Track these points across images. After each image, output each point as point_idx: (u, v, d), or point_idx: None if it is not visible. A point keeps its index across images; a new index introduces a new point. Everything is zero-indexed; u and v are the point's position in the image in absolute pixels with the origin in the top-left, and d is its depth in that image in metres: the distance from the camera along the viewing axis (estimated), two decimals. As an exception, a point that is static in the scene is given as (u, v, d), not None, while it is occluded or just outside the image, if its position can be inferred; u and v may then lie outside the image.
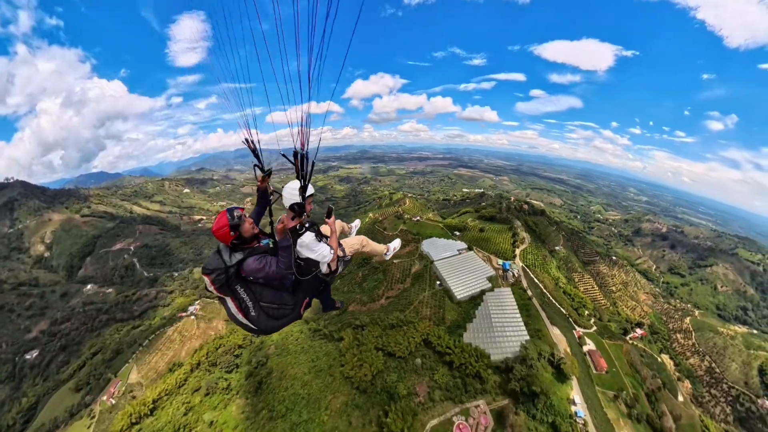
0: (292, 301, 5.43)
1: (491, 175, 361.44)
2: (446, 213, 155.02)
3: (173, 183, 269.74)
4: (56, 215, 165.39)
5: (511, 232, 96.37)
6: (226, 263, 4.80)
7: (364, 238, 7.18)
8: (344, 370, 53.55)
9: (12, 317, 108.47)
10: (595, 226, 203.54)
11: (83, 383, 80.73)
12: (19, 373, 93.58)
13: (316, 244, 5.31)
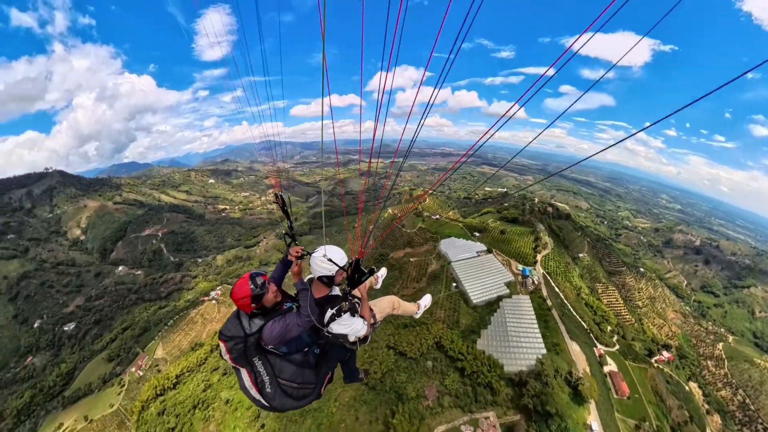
0: (314, 380, 4.86)
1: (515, 174, 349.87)
2: (467, 212, 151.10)
3: (199, 173, 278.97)
4: (91, 202, 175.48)
5: (533, 236, 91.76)
6: (246, 331, 4.31)
7: (396, 300, 6.46)
8: None
9: (52, 293, 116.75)
10: (623, 234, 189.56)
11: (114, 355, 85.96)
12: (58, 342, 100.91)
13: (350, 319, 4.76)
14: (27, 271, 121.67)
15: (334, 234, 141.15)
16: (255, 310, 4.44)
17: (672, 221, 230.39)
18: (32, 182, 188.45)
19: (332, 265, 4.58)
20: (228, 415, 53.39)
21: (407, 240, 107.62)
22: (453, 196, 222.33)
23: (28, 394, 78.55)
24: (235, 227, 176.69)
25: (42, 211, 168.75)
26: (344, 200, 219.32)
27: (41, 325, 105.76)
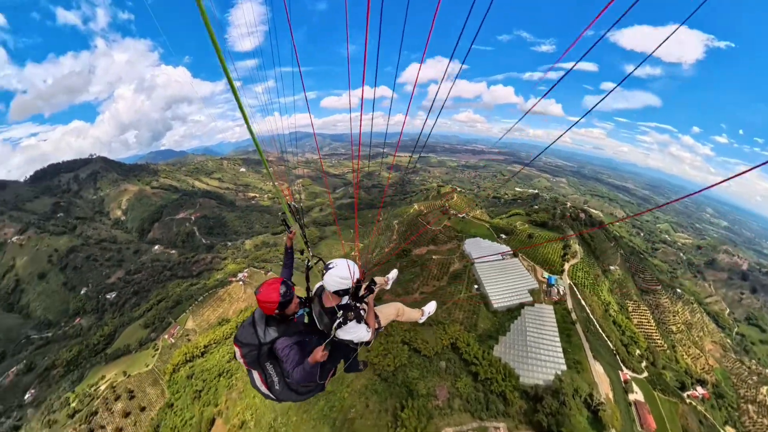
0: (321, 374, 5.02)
1: (548, 175, 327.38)
2: (494, 212, 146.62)
3: (231, 162, 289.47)
4: (130, 186, 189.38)
5: (562, 243, 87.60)
6: (260, 340, 4.67)
7: (400, 307, 6.72)
8: (369, 356, 52.79)
9: (96, 265, 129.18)
10: (660, 248, 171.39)
11: (150, 322, 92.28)
12: (102, 307, 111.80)
13: (356, 327, 5.15)
14: (74, 246, 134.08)
15: (359, 226, 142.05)
16: (275, 315, 4.72)
17: (717, 239, 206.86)
18: (78, 167, 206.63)
19: (346, 282, 4.83)
20: (249, 386, 54.68)
21: (431, 237, 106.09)
22: (482, 194, 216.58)
23: (76, 348, 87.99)
24: (264, 215, 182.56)
25: (87, 193, 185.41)
26: (358, 195, 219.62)
27: (87, 293, 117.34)
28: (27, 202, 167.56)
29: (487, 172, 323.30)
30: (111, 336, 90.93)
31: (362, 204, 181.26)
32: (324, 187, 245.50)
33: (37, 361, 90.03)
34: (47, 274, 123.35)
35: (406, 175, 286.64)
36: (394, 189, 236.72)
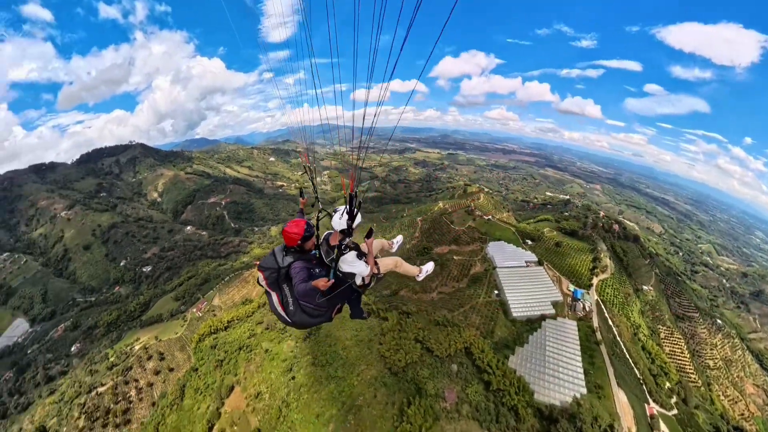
0: (326, 305, 5.74)
1: (582, 181, 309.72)
2: (522, 216, 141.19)
3: (261, 151, 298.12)
4: (166, 171, 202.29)
5: (592, 255, 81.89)
6: (279, 265, 5.42)
7: (399, 260, 7.29)
8: (381, 349, 52.72)
9: (134, 241, 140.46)
10: (701, 272, 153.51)
11: (180, 296, 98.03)
12: (138, 278, 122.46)
13: (356, 261, 5.96)
14: (115, 222, 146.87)
15: (380, 220, 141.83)
16: (296, 247, 5.52)
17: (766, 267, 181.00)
18: (119, 152, 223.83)
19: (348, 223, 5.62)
20: (266, 362, 57.38)
21: (454, 237, 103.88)
22: (510, 197, 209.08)
23: (116, 313, 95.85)
24: (290, 203, 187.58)
25: (127, 176, 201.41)
26: (395, 189, 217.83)
27: (126, 265, 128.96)
28: (74, 182, 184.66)
29: (516, 173, 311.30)
30: (146, 305, 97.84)
31: (387, 198, 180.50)
32: (351, 179, 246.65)
33: (82, 321, 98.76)
34: (91, 246, 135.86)
35: (433, 172, 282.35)
36: (420, 185, 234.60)
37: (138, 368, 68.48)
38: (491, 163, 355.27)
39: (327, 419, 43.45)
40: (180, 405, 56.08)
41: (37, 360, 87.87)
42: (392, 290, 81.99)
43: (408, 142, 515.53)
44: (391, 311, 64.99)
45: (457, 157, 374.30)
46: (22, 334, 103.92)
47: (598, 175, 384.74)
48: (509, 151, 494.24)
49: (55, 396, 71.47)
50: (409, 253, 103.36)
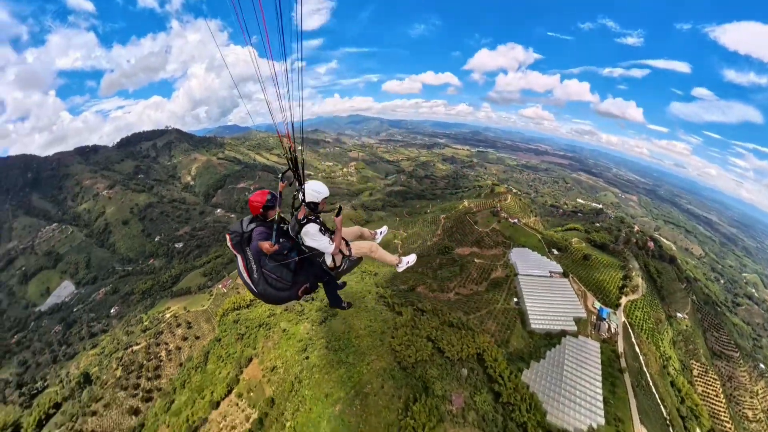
0: (290, 279, 5.75)
1: (617, 189, 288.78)
2: (550, 223, 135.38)
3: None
4: (200, 156, 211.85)
5: (622, 272, 76.20)
6: (243, 229, 5.70)
7: (374, 245, 6.93)
8: (393, 343, 52.40)
9: (168, 220, 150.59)
10: (744, 305, 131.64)
11: (208, 272, 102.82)
12: (170, 253, 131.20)
13: (318, 235, 5.89)
14: (151, 202, 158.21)
15: (404, 215, 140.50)
16: (259, 215, 5.85)
17: None
18: (156, 137, 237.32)
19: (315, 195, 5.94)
20: (283, 340, 59.47)
21: (477, 238, 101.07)
22: (539, 200, 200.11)
23: (150, 282, 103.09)
24: None
25: (163, 160, 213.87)
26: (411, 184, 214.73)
27: (160, 240, 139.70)
28: (115, 164, 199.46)
29: (548, 176, 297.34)
30: (177, 277, 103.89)
31: (412, 193, 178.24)
32: (377, 172, 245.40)
33: (120, 287, 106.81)
34: (129, 222, 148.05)
35: (461, 169, 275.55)
36: (446, 182, 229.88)
37: (168, 333, 73.85)
38: (522, 164, 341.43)
39: (335, 400, 44.57)
40: (204, 368, 60.85)
41: (81, 318, 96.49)
42: (409, 286, 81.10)
43: (437, 137, 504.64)
44: (407, 306, 64.27)
45: (487, 155, 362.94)
46: (68, 294, 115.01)
47: (635, 185, 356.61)
48: (541, 152, 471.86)
49: (97, 349, 79.25)
50: (429, 251, 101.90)
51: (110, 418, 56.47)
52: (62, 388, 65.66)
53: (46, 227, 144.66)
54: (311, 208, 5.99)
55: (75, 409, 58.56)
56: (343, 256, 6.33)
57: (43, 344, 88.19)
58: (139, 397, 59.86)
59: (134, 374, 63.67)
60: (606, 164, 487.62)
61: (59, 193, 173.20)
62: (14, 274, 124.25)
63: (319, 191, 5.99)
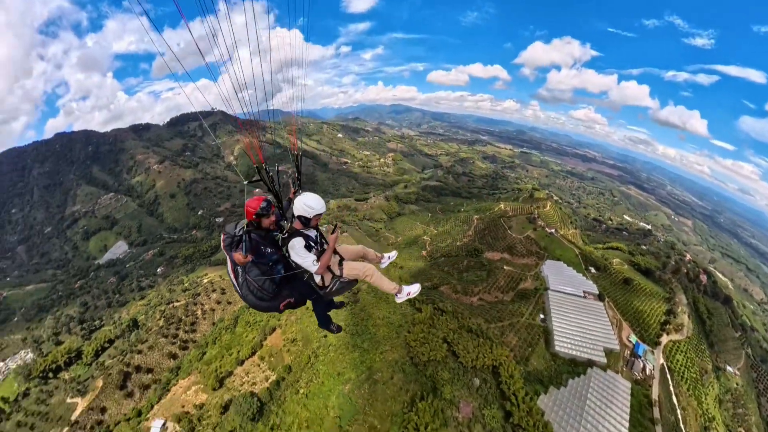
0: (272, 292, 5.56)
1: (669, 210, 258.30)
2: (590, 238, 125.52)
3: (330, 127, 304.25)
4: (242, 137, 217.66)
5: (666, 305, 67.73)
6: (234, 232, 5.51)
7: (370, 268, 6.13)
8: (409, 337, 51.90)
9: (210, 195, 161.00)
10: None
11: None
12: (211, 226, 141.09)
13: (303, 251, 5.47)
14: (196, 178, 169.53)
15: (437, 212, 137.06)
16: (253, 221, 5.60)
17: None
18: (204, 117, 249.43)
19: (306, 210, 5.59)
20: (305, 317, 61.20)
21: (509, 244, 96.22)
22: (581, 212, 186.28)
23: (192, 250, 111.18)
24: (352, 180, 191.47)
25: (208, 139, 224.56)
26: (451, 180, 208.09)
27: (202, 214, 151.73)
28: (165, 141, 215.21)
29: (594, 185, 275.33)
30: (216, 248, 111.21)
31: (447, 190, 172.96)
32: (414, 165, 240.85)
33: (166, 251, 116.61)
34: (176, 195, 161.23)
35: (501, 169, 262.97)
36: (484, 182, 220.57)
37: (204, 296, 79.82)
38: (567, 170, 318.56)
39: (346, 380, 45.93)
40: (233, 330, 65.78)
41: (132, 273, 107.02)
42: (433, 283, 78.92)
43: (480, 133, 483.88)
44: (427, 304, 62.96)
45: (530, 156, 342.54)
46: (122, 252, 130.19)
47: (692, 208, 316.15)
48: (590, 159, 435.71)
49: (144, 301, 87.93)
50: (458, 251, 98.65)
51: (153, 357, 64.43)
52: (115, 328, 75.00)
53: (104, 196, 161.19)
54: (302, 222, 5.71)
55: (125, 346, 68.03)
56: (333, 275, 5.90)
57: (100, 291, 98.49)
58: (177, 345, 67.29)
59: (174, 326, 70.86)
60: (660, 180, 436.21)
61: (116, 166, 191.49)
62: (78, 231, 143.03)
63: (311, 206, 5.62)
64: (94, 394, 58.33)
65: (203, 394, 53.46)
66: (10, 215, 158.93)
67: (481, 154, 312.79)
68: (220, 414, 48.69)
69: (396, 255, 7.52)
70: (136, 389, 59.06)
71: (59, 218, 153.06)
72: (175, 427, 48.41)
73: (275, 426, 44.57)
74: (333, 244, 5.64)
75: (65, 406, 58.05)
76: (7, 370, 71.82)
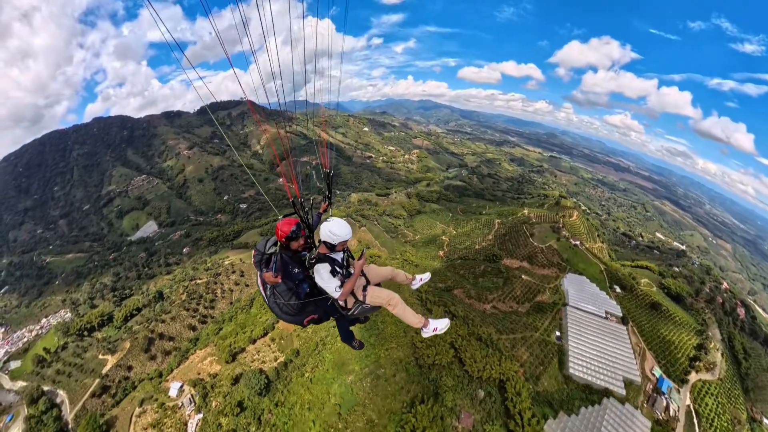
0: (297, 308, 5.62)
1: (707, 231, 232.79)
2: (618, 254, 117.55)
3: (357, 120, 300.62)
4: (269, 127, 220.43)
5: (697, 339, 60.66)
6: (264, 250, 5.48)
7: (396, 299, 5.90)
8: (415, 338, 50.79)
9: (236, 182, 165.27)
10: None
11: (265, 233, 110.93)
12: (235, 211, 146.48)
13: (327, 276, 5.48)
14: (223, 165, 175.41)
15: (458, 212, 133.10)
16: (283, 243, 5.57)
17: None
18: (231, 107, 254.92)
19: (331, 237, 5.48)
20: None
21: (529, 253, 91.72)
22: (609, 225, 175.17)
23: (216, 233, 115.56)
24: (374, 175, 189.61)
25: (236, 128, 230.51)
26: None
27: (227, 199, 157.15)
28: (195, 128, 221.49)
29: (626, 197, 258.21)
30: (238, 233, 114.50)
31: (470, 191, 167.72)
32: (439, 163, 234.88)
33: (192, 232, 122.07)
34: (204, 180, 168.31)
35: (528, 173, 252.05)
36: (510, 185, 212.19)
37: (224, 277, 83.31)
38: (598, 178, 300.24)
39: (349, 371, 46.60)
40: (248, 311, 68.63)
41: (160, 251, 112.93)
42: (447, 285, 76.66)
43: (509, 134, 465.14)
44: (439, 306, 61.11)
45: (560, 161, 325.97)
46: (152, 231, 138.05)
47: (732, 231, 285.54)
48: (623, 169, 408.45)
49: (170, 276, 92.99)
50: (475, 254, 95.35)
51: (174, 327, 69.26)
52: (143, 297, 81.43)
53: (137, 177, 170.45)
54: (327, 247, 5.62)
55: (150, 315, 73.24)
56: (356, 300, 5.91)
57: (131, 264, 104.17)
58: (196, 318, 71.63)
59: (195, 301, 75.12)
60: (698, 196, 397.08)
61: (148, 149, 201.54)
62: (113, 210, 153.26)
63: (336, 234, 5.50)
64: (122, 354, 64.11)
65: (217, 365, 56.59)
66: (53, 192, 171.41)
67: (509, 155, 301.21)
68: (231, 384, 51.21)
69: (429, 277, 7.19)
70: (158, 353, 64.19)
71: (96, 197, 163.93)
72: (191, 390, 52.01)
73: (279, 402, 46.23)
74: (358, 271, 5.57)
75: (97, 361, 64.12)
76: (49, 325, 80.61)
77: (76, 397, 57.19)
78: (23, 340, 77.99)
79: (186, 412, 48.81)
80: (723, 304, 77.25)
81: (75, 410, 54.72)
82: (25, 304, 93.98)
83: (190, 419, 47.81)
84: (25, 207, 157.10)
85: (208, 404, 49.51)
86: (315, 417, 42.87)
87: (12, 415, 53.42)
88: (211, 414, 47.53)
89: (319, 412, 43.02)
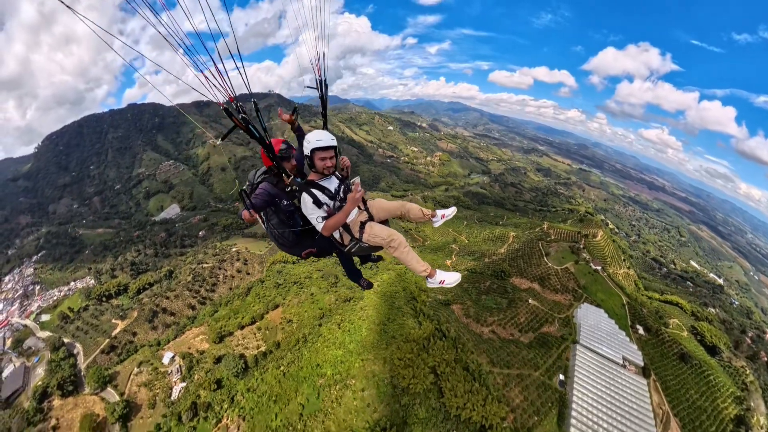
0: (293, 240, 5.16)
1: (748, 264, 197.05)
2: (646, 282, 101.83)
3: (382, 119, 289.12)
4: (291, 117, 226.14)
5: (736, 407, 47.66)
6: (251, 181, 5.14)
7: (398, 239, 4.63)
8: (395, 353, 45.92)
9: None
10: None
11: None
12: None
13: (310, 207, 4.61)
14: (245, 155, 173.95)
15: (473, 220, 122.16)
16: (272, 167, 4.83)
17: None
18: (260, 99, 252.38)
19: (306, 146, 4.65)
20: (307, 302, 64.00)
21: (542, 274, 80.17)
22: (639, 248, 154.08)
23: (231, 220, 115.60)
24: (392, 176, 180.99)
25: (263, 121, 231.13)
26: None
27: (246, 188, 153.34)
28: (222, 119, 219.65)
29: (659, 219, 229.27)
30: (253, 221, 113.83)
31: (490, 199, 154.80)
32: (462, 168, 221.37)
33: (210, 218, 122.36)
34: (226, 169, 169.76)
35: (555, 185, 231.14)
36: (533, 195, 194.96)
37: (229, 264, 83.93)
38: (629, 196, 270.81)
39: (321, 374, 45.48)
40: (244, 298, 69.83)
41: (178, 232, 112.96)
42: (446, 298, 67.46)
43: (538, 142, 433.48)
44: (431, 320, 54.50)
45: (589, 175, 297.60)
46: (174, 214, 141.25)
47: None
48: (658, 187, 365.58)
49: (182, 257, 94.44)
50: (483, 268, 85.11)
51: (176, 305, 72.22)
52: (156, 274, 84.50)
53: (165, 162, 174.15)
54: (309, 165, 4.69)
55: (159, 291, 76.64)
56: (352, 237, 4.76)
57: (151, 242, 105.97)
58: (197, 299, 73.89)
59: (198, 283, 77.42)
60: (739, 224, 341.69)
61: (176, 137, 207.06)
62: (141, 191, 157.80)
63: (308, 140, 4.59)
64: (130, 321, 69.33)
65: (206, 343, 59.08)
66: (89, 170, 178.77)
67: (536, 165, 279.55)
68: (213, 363, 53.20)
69: (454, 212, 5.40)
70: (160, 325, 68.13)
71: (127, 177, 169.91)
72: (180, 361, 55.49)
73: (252, 389, 46.88)
74: (350, 205, 4.54)
75: (110, 324, 69.90)
76: (75, 288, 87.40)
77: (89, 351, 62.84)
78: (54, 297, 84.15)
79: (173, 379, 52.47)
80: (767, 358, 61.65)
81: (87, 362, 60.00)
82: (58, 268, 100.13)
83: (175, 385, 51.23)
84: (64, 183, 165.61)
85: (192, 376, 52.02)
86: (279, 410, 42.37)
87: (39, 357, 61.52)
88: (193, 385, 49.92)
89: (284, 407, 42.43)
